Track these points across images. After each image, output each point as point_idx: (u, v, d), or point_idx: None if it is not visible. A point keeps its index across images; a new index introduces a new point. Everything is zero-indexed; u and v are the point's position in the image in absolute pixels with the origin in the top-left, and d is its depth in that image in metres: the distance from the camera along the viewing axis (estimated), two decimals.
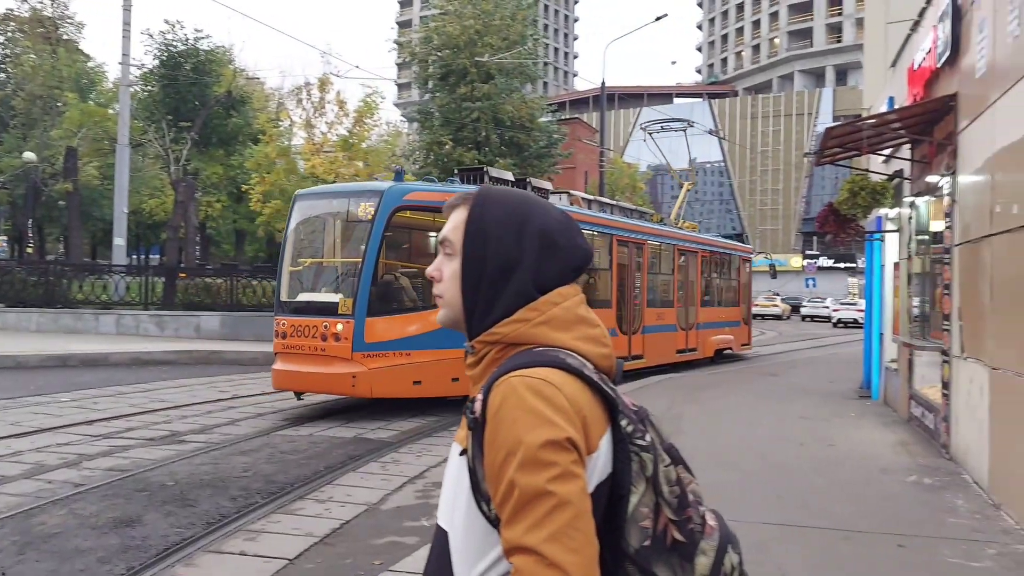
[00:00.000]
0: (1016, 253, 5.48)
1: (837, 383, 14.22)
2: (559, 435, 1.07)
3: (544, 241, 1.25)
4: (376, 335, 9.68)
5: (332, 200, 11.23)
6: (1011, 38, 5.61)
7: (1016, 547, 4.91)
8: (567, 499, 1.04)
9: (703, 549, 1.15)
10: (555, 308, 1.23)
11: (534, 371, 1.14)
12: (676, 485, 1.17)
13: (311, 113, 28.23)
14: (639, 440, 1.15)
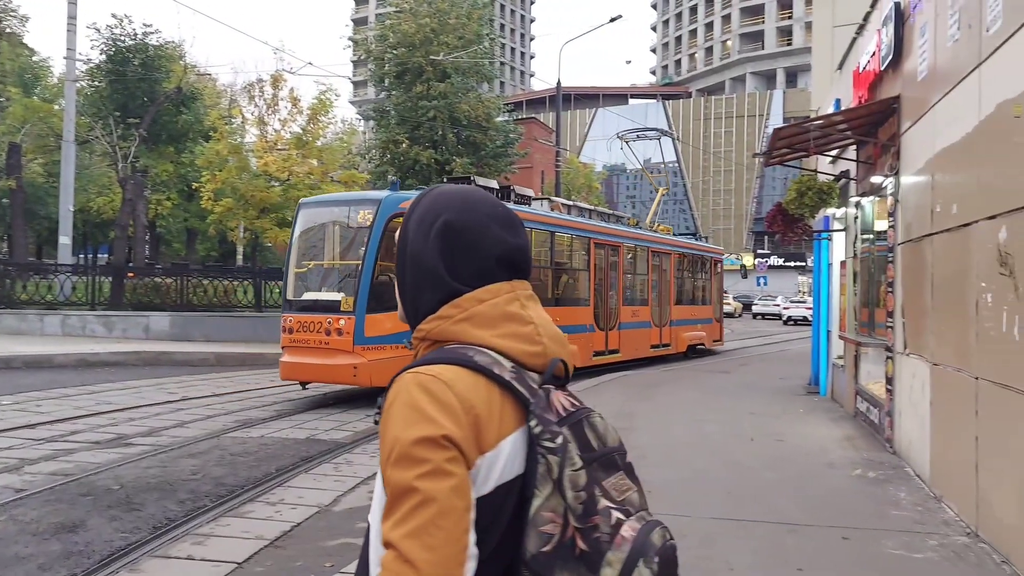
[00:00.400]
0: (954, 252, 5.65)
1: (787, 379, 14.49)
2: (435, 432, 1.07)
3: (447, 236, 1.24)
4: (375, 330, 10.44)
5: (333, 208, 12.19)
6: (951, 42, 5.77)
7: (956, 538, 5.06)
8: (432, 496, 1.04)
9: (609, 560, 1.11)
10: (479, 305, 1.22)
11: (429, 367, 1.14)
12: (583, 491, 1.13)
13: (264, 110, 27.82)
14: (547, 442, 1.13)
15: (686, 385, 13.42)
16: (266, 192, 25.32)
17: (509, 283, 1.26)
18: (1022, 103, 4.36)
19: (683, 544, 4.40)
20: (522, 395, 1.16)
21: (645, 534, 1.14)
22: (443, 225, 1.25)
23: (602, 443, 1.22)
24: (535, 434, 1.14)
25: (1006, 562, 4.54)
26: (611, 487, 1.19)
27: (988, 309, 4.87)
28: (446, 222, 1.25)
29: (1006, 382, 4.58)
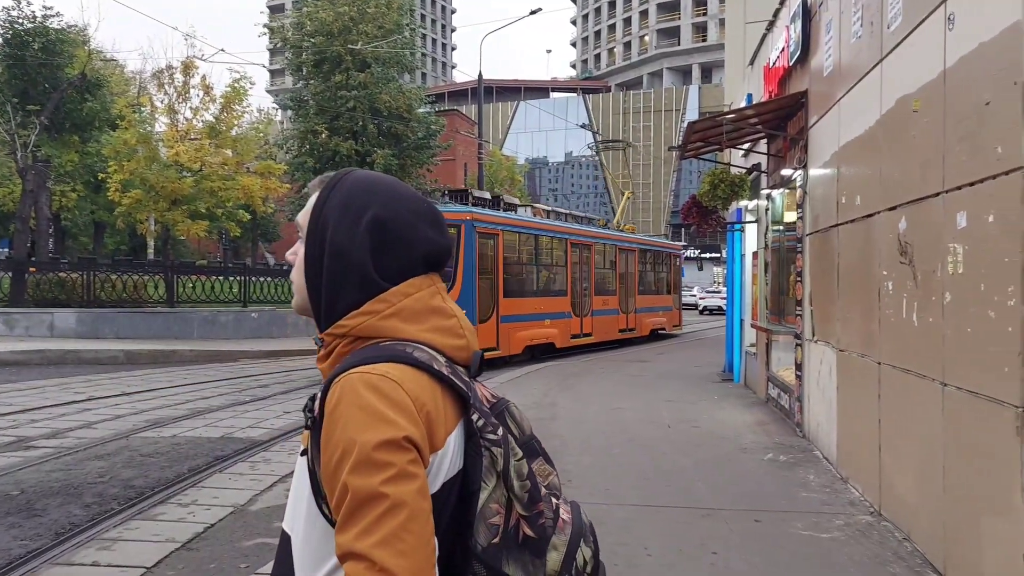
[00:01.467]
0: (858, 242, 5.88)
1: (702, 367, 14.87)
2: (395, 434, 1.03)
3: (377, 232, 1.19)
4: None
5: None
6: (854, 39, 5.99)
7: (861, 517, 5.28)
8: (401, 501, 1.01)
9: (554, 544, 1.13)
10: (406, 300, 1.18)
11: (375, 367, 1.09)
12: (527, 479, 1.14)
13: (174, 98, 26.86)
14: (490, 435, 1.12)
15: (606, 375, 13.62)
16: (177, 183, 24.46)
17: (428, 276, 1.23)
18: (920, 98, 4.55)
19: (602, 531, 4.44)
20: (461, 390, 1.14)
21: (578, 515, 1.18)
22: (372, 220, 1.19)
23: (521, 431, 1.22)
24: (477, 428, 1.13)
25: (907, 539, 4.76)
26: (536, 473, 1.20)
27: (889, 297, 5.09)
28: (375, 217, 1.20)
29: (906, 366, 4.79)
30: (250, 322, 19.96)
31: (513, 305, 16.01)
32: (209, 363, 15.82)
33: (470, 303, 14.42)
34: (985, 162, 3.66)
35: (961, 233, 3.92)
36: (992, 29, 3.60)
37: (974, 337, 3.78)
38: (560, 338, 17.73)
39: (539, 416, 9.10)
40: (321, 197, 1.23)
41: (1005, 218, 3.46)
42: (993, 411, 3.56)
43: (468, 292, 14.46)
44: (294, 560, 1.13)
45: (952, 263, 4.03)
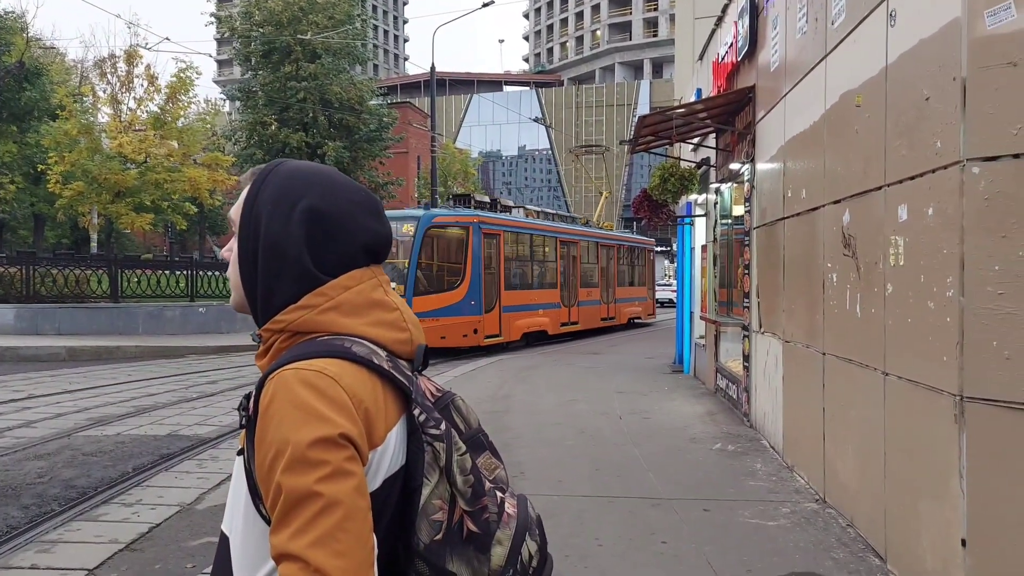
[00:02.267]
0: (804, 235, 5.99)
1: (653, 359, 15.04)
2: (331, 432, 1.00)
3: (314, 222, 1.15)
4: (419, 308, 14.78)
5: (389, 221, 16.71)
6: (800, 35, 6.09)
7: (806, 505, 5.39)
8: (336, 500, 0.98)
9: (499, 539, 1.11)
10: (346, 293, 1.15)
11: (310, 362, 1.06)
12: (471, 474, 1.12)
13: (117, 88, 26.17)
14: (432, 429, 1.11)
15: (560, 367, 13.68)
16: (121, 175, 23.85)
17: (369, 268, 1.20)
18: (863, 93, 4.65)
19: (554, 523, 4.44)
20: (403, 384, 1.12)
21: (524, 509, 1.16)
22: (307, 210, 1.15)
23: (468, 425, 1.21)
24: (420, 423, 1.11)
25: (851, 525, 4.87)
26: (482, 466, 1.19)
27: (833, 288, 5.19)
28: (310, 207, 1.16)
29: (849, 356, 4.90)
30: (198, 317, 19.57)
31: (513, 297, 18.01)
32: (155, 359, 15.48)
33: (477, 296, 16.53)
34: (925, 156, 3.75)
35: (902, 226, 4.02)
36: (932, 26, 3.69)
37: (914, 327, 3.88)
38: (552, 326, 19.87)
39: (494, 409, 9.11)
40: (253, 189, 1.19)
41: (944, 211, 3.56)
42: (932, 399, 3.66)
43: (475, 286, 16.50)
44: (232, 562, 1.10)
45: (894, 255, 4.13)
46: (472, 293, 16.41)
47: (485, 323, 16.85)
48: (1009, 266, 3.26)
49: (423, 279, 15.86)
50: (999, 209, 3.29)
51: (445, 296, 15.99)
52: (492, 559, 1.10)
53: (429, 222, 16.05)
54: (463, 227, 16.63)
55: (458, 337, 15.95)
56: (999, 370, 3.29)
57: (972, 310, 3.36)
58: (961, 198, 3.40)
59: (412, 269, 15.59)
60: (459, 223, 16.76)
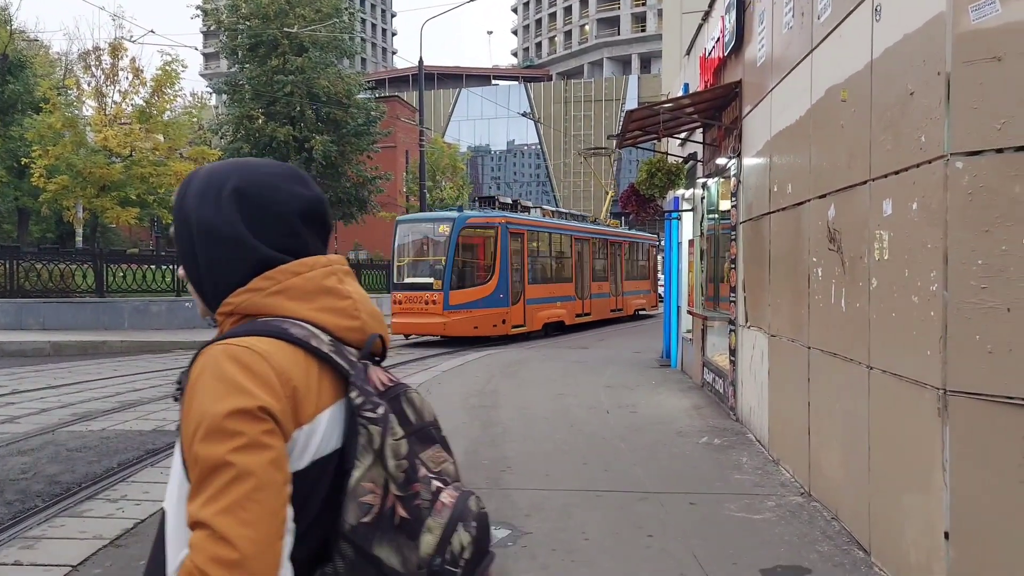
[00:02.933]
0: (789, 230, 6.00)
1: (641, 353, 15.07)
2: (249, 404, 1.03)
3: (242, 199, 1.18)
4: (455, 300, 17.06)
5: (424, 223, 18.89)
6: (786, 29, 6.09)
7: (791, 498, 5.42)
8: (248, 470, 1.00)
9: (429, 527, 1.12)
10: (295, 278, 1.18)
11: (241, 340, 1.09)
12: (405, 459, 1.14)
13: (102, 81, 25.95)
14: (368, 412, 1.12)
15: (547, 362, 13.69)
16: (106, 169, 23.67)
17: (326, 257, 1.23)
18: (848, 88, 4.66)
19: (541, 517, 4.45)
20: (341, 367, 1.14)
21: (463, 501, 1.17)
22: (233, 191, 1.18)
23: (419, 417, 1.22)
24: (356, 405, 1.12)
25: (835, 518, 4.90)
26: (428, 459, 1.20)
27: (819, 283, 5.21)
28: (235, 187, 1.19)
29: (833, 350, 4.92)
30: (184, 312, 19.45)
31: (535, 290, 19.68)
32: (141, 354, 15.39)
33: (505, 289, 18.09)
34: (909, 151, 3.76)
35: (887, 220, 4.03)
36: (917, 20, 3.70)
37: (898, 321, 3.90)
38: (568, 317, 21.48)
39: (482, 403, 9.10)
40: (178, 196, 1.24)
41: (928, 206, 3.57)
42: (916, 393, 3.68)
43: (504, 280, 18.09)
44: (166, 535, 1.11)
45: (878, 250, 4.15)
46: (501, 287, 17.97)
47: (512, 314, 18.41)
48: (992, 260, 3.28)
49: (458, 275, 17.47)
50: (982, 204, 3.31)
51: (477, 290, 17.63)
52: (421, 546, 1.11)
53: (463, 223, 17.74)
54: (492, 227, 18.21)
55: (488, 327, 17.62)
56: (982, 364, 3.31)
57: (955, 304, 3.38)
58: (945, 192, 3.42)
59: (449, 265, 17.28)
60: (489, 224, 18.36)
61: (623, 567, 4.19)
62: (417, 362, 14.57)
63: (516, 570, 4.14)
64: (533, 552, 4.39)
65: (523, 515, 5.01)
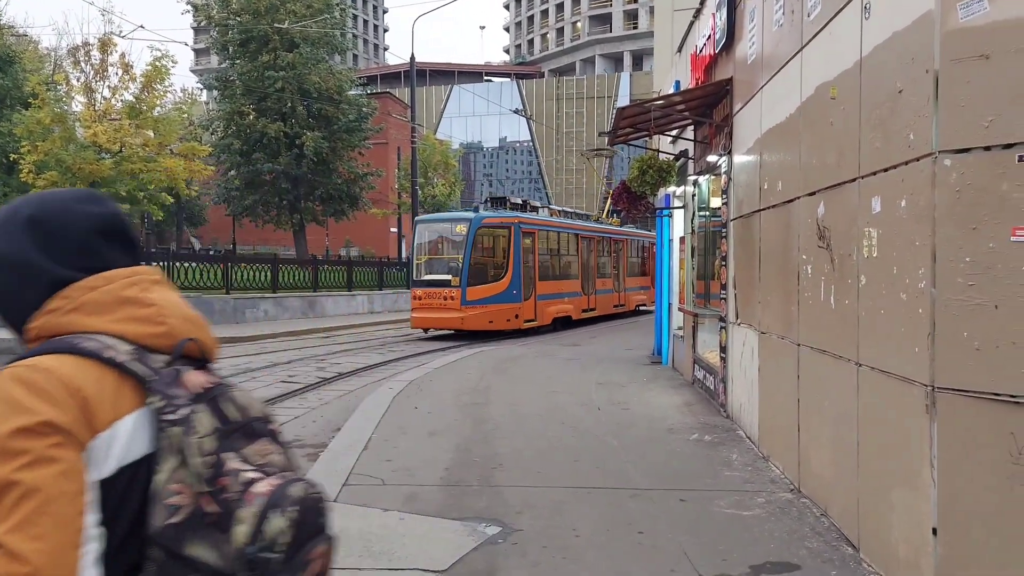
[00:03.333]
0: (779, 227, 6.02)
1: (632, 350, 15.10)
2: (30, 421, 1.05)
3: (35, 226, 1.22)
4: (471, 297, 17.93)
5: (442, 223, 20.02)
6: (776, 27, 6.11)
7: (781, 495, 5.44)
8: (35, 486, 1.03)
9: (240, 518, 1.12)
10: (90, 293, 1.21)
11: (28, 360, 1.13)
12: (212, 455, 1.15)
13: (91, 76, 25.81)
14: (168, 415, 1.15)
15: (538, 359, 13.70)
16: (95, 165, 23.57)
17: (130, 268, 1.27)
18: (838, 85, 4.67)
19: (533, 514, 4.44)
20: (136, 374, 1.17)
21: (283, 488, 1.17)
22: (26, 219, 1.23)
23: (244, 414, 1.24)
24: (156, 409, 1.15)
25: (824, 515, 4.92)
26: (252, 453, 1.22)
27: (808, 280, 5.23)
28: (28, 216, 1.23)
29: (823, 347, 4.94)
30: None
31: (545, 287, 20.46)
32: None
33: (518, 286, 18.98)
34: (898, 149, 3.78)
35: (875, 218, 4.05)
36: (906, 18, 3.71)
37: (887, 318, 3.92)
38: (575, 312, 22.35)
39: (474, 401, 9.11)
40: None
41: (916, 203, 3.59)
42: (904, 390, 3.70)
43: (516, 277, 18.95)
44: None
45: (867, 247, 4.16)
46: (514, 284, 18.86)
47: (524, 309, 19.31)
48: (979, 258, 3.30)
49: (474, 272, 18.24)
50: (970, 201, 3.32)
51: (492, 287, 18.45)
52: (234, 538, 1.12)
53: (479, 223, 18.59)
54: (506, 227, 19.10)
55: (503, 321, 18.48)
56: (969, 361, 3.33)
57: (943, 301, 3.40)
58: (933, 190, 3.43)
59: (466, 263, 18.12)
60: (503, 224, 19.21)
61: (614, 564, 4.20)
62: (411, 359, 14.56)
63: (507, 567, 4.15)
64: (524, 549, 4.39)
65: (514, 512, 5.01)
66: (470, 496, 5.39)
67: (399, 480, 5.78)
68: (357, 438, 7.13)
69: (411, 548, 4.40)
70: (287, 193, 33.41)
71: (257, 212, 34.33)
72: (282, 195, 33.59)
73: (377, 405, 8.74)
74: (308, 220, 34.95)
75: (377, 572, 4.07)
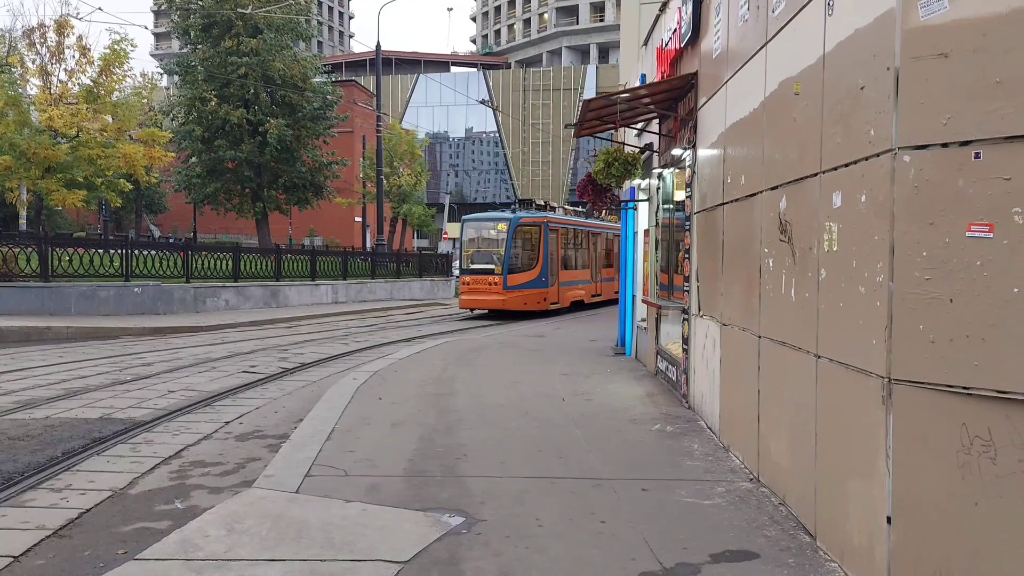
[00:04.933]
0: (742, 221, 6.09)
1: (597, 342, 15.18)
2: None
3: None
4: (511, 283, 22.03)
5: (486, 222, 23.50)
6: (741, 22, 6.15)
7: (741, 484, 5.52)
8: None
9: None
10: None
11: None
12: None
13: (47, 59, 25.17)
14: None
15: (503, 350, 13.71)
16: (52, 150, 22.99)
17: None
18: (801, 81, 4.73)
19: (496, 503, 4.44)
20: None
21: None
22: None
23: None
24: None
25: (783, 504, 5.01)
26: None
27: (770, 273, 5.30)
28: None
29: (783, 339, 5.02)
30: (133, 297, 19.04)
31: (566, 275, 24.30)
32: (88, 340, 15.03)
33: (546, 274, 22.93)
34: (859, 144, 3.84)
35: (836, 212, 4.11)
36: (868, 16, 3.76)
37: (846, 311, 3.98)
38: (587, 297, 26.24)
39: (438, 391, 9.08)
40: None
41: (875, 198, 3.65)
42: (861, 381, 3.77)
43: (545, 267, 22.90)
44: None
45: (827, 241, 4.23)
46: (543, 272, 22.84)
47: (550, 294, 23.14)
48: (936, 252, 3.37)
49: (513, 262, 22.43)
50: (927, 197, 3.39)
51: (527, 274, 22.64)
52: None
53: (518, 222, 22.71)
54: (538, 225, 23.03)
55: (534, 303, 22.65)
56: (925, 353, 3.40)
57: (900, 295, 3.47)
58: (892, 186, 3.49)
59: (507, 256, 22.36)
60: (535, 222, 23.07)
61: (576, 553, 4.23)
62: (374, 349, 14.48)
63: (470, 557, 4.15)
64: (487, 539, 4.40)
65: (478, 502, 5.02)
66: (433, 487, 5.39)
67: (362, 471, 5.75)
68: (320, 428, 7.08)
69: (373, 539, 4.38)
70: (250, 181, 32.95)
71: (219, 200, 33.82)
72: (244, 183, 33.12)
73: (340, 396, 8.68)
74: (271, 209, 34.52)
75: (339, 563, 4.05)
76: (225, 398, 9.18)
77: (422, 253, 39.60)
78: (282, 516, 4.73)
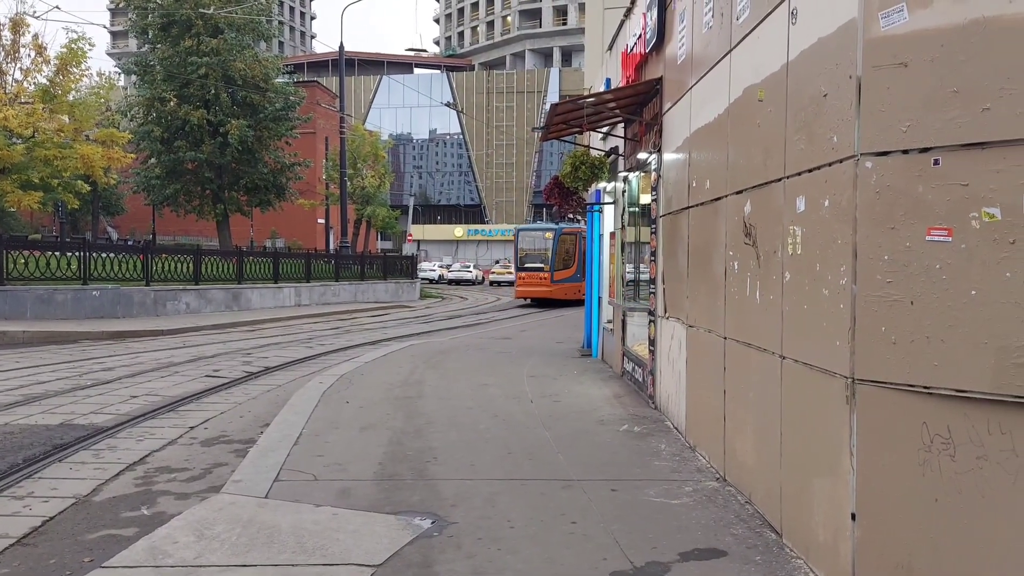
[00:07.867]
0: (707, 224, 6.18)
1: (563, 343, 15.27)
2: None
3: None
4: (556, 278, 30.18)
5: (536, 231, 32.45)
6: (706, 29, 6.26)
7: (707, 483, 5.61)
8: None
9: None
10: None
11: None
12: None
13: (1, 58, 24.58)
14: None
15: (471, 352, 13.72)
16: (7, 151, 22.47)
17: None
18: (765, 88, 4.83)
19: (467, 506, 4.46)
20: None
21: None
22: None
23: None
24: None
25: (749, 502, 5.10)
26: None
27: (735, 275, 5.39)
28: None
29: (748, 340, 5.11)
30: (91, 301, 18.69)
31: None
32: (45, 345, 14.72)
33: (581, 272, 26.07)
34: (822, 150, 3.94)
35: (800, 216, 4.21)
36: (831, 25, 3.86)
37: (810, 313, 4.08)
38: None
39: (406, 394, 9.07)
40: None
41: (838, 203, 3.75)
42: (825, 381, 3.87)
43: (579, 266, 27.89)
44: None
45: (792, 244, 4.32)
46: (579, 270, 27.99)
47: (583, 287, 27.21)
48: (897, 256, 3.47)
49: (558, 263, 29.89)
50: (889, 202, 3.49)
51: (567, 272, 29.82)
52: None
53: (560, 232, 30.25)
54: (574, 234, 29.63)
55: (573, 294, 27.78)
56: (887, 354, 3.51)
57: (863, 297, 3.57)
58: (855, 191, 3.59)
59: (553, 258, 29.95)
60: (572, 232, 29.81)
61: (547, 553, 4.27)
62: (340, 352, 14.39)
63: (442, 560, 4.17)
64: (459, 542, 4.42)
65: (448, 505, 5.03)
66: (404, 490, 5.39)
67: (331, 475, 5.73)
68: (287, 433, 7.03)
69: (345, 543, 4.38)
70: (210, 183, 32.51)
71: (179, 202, 33.32)
72: (205, 184, 32.68)
73: (307, 400, 8.63)
74: (232, 210, 34.10)
75: (311, 568, 4.04)
76: (189, 403, 9.07)
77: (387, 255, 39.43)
78: (252, 521, 4.70)
